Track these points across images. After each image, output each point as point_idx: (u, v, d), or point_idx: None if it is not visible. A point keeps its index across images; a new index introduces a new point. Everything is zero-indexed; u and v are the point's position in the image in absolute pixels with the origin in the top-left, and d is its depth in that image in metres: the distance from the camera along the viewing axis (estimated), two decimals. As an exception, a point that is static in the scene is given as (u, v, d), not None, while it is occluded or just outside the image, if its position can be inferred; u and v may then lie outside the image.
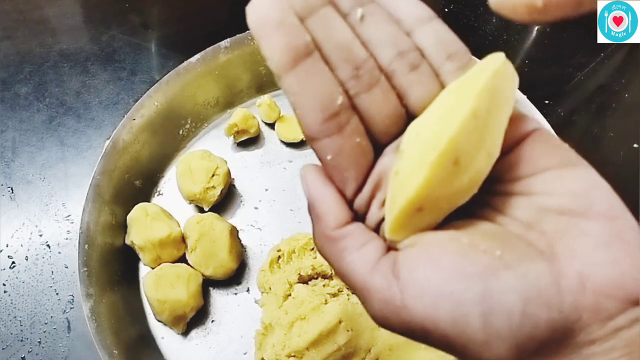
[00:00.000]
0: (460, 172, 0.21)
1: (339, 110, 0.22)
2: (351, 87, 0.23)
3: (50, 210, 0.55)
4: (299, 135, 0.58)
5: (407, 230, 0.22)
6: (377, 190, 0.23)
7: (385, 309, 0.21)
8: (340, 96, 0.22)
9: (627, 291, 0.19)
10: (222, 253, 0.49)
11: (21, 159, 0.58)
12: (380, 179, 0.23)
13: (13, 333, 0.49)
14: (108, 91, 0.62)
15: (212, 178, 0.52)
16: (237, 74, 0.59)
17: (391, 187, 0.22)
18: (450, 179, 0.21)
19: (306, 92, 0.22)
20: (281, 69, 0.22)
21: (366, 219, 0.24)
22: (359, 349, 0.45)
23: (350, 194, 0.23)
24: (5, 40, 0.65)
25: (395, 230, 0.22)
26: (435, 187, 0.21)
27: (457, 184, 0.21)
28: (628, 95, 0.60)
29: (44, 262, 0.52)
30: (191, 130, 0.58)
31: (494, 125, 0.21)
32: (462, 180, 0.21)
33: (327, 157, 0.23)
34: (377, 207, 0.23)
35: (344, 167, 0.23)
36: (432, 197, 0.21)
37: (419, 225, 0.22)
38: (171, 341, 0.49)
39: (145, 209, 0.50)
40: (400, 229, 0.22)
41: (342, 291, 0.48)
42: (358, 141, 0.23)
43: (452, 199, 0.22)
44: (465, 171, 0.21)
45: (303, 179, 0.24)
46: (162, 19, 0.69)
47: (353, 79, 0.22)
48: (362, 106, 0.23)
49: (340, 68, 0.22)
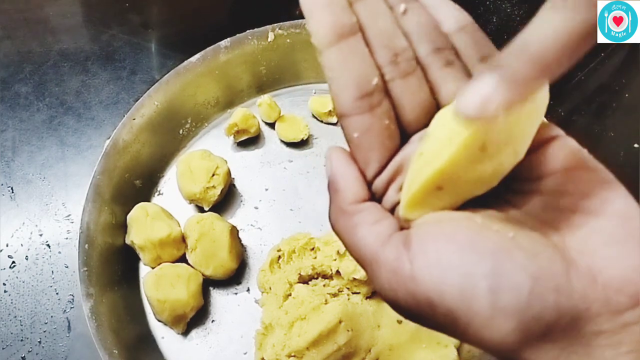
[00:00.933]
0: (485, 159, 0.21)
1: (373, 91, 0.23)
2: (388, 72, 0.23)
3: (51, 209, 0.55)
4: (299, 135, 0.57)
5: (423, 208, 0.22)
6: (397, 175, 0.24)
7: (394, 279, 0.21)
8: (376, 78, 0.23)
9: (638, 287, 0.19)
10: (222, 253, 0.49)
11: (21, 159, 0.58)
12: (402, 164, 0.23)
13: (13, 333, 0.49)
14: (108, 91, 0.62)
15: (212, 178, 0.52)
16: (237, 74, 0.59)
17: (413, 165, 0.22)
18: (475, 163, 0.21)
19: (344, 69, 0.23)
20: (324, 44, 0.22)
21: (382, 201, 0.24)
22: (359, 349, 0.45)
23: (371, 174, 0.24)
24: (6, 39, 0.65)
25: (412, 207, 0.22)
26: (459, 167, 0.21)
27: (480, 170, 0.21)
28: (628, 95, 0.60)
29: (44, 261, 0.52)
30: (191, 130, 0.58)
31: (525, 125, 0.22)
32: (485, 168, 0.21)
33: (354, 135, 0.23)
34: (395, 190, 0.24)
35: (369, 147, 0.23)
36: (454, 176, 0.21)
37: (436, 205, 0.22)
38: (171, 341, 0.49)
39: (145, 209, 0.50)
40: (416, 206, 0.22)
41: (342, 291, 0.48)
42: (387, 123, 0.23)
43: (472, 185, 0.22)
44: (490, 160, 0.21)
45: (328, 157, 0.24)
46: (162, 18, 0.69)
47: (391, 64, 0.23)
48: (396, 92, 0.24)
49: (380, 53, 0.23)
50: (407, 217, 0.23)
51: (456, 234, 0.21)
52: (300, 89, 0.62)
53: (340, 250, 0.47)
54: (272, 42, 0.58)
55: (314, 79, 0.62)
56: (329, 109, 0.59)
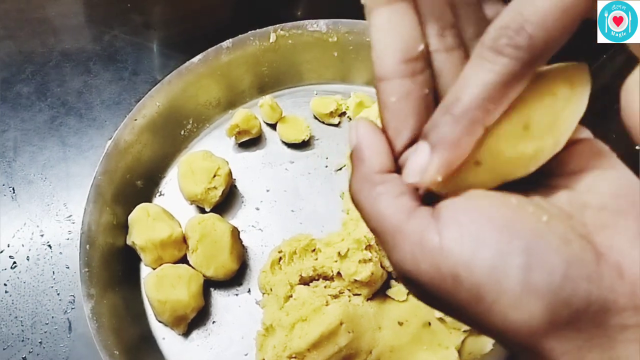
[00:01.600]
0: (526, 139, 0.21)
1: (417, 57, 0.23)
2: (433, 44, 0.23)
3: (52, 210, 0.55)
4: (300, 136, 0.57)
5: (458, 184, 0.22)
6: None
7: (419, 251, 0.21)
8: (422, 45, 0.23)
9: None
10: (223, 254, 0.49)
11: (23, 159, 0.58)
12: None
13: (14, 333, 0.49)
14: (110, 91, 0.62)
15: (214, 179, 0.52)
16: (239, 75, 0.59)
17: None
18: (516, 140, 0.21)
19: (392, 30, 0.22)
20: (375, 2, 0.22)
21: None
22: (360, 350, 0.45)
23: (402, 143, 0.23)
24: (7, 40, 0.65)
25: (447, 181, 0.22)
26: (500, 141, 0.21)
27: (520, 150, 0.21)
28: (631, 97, 0.59)
29: (45, 262, 0.52)
30: (193, 131, 0.58)
31: (567, 118, 0.22)
32: (526, 148, 0.21)
33: (392, 99, 0.23)
34: None
35: (405, 114, 0.23)
36: (493, 151, 0.21)
37: (471, 182, 0.22)
38: (172, 342, 0.49)
39: (146, 210, 0.50)
40: (452, 180, 0.22)
41: (343, 293, 0.48)
42: (426, 93, 0.23)
43: (510, 164, 0.22)
44: (532, 140, 0.21)
45: (352, 127, 0.24)
46: (164, 19, 0.69)
47: (438, 36, 0.23)
48: (438, 64, 0.23)
49: (430, 23, 0.23)
50: (441, 190, 0.22)
51: (491, 210, 0.20)
52: (301, 90, 0.62)
53: (342, 251, 0.47)
54: (274, 43, 0.58)
55: (315, 80, 0.62)
56: (331, 110, 0.59)
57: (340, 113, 0.60)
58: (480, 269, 0.19)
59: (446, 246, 0.20)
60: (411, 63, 0.22)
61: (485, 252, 0.19)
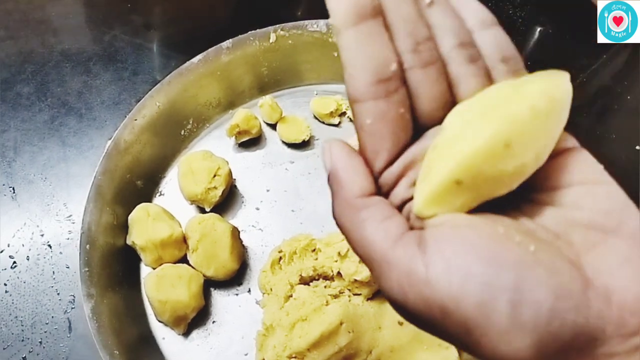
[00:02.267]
0: (508, 157, 0.21)
1: (390, 77, 0.22)
2: (407, 60, 0.22)
3: (52, 210, 0.55)
4: (300, 136, 0.57)
5: (440, 206, 0.22)
6: (408, 169, 0.23)
7: (406, 282, 0.20)
8: (395, 64, 0.22)
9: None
10: (223, 254, 0.49)
11: (23, 159, 0.58)
12: (414, 159, 0.23)
13: (14, 333, 0.49)
14: (110, 91, 0.62)
15: (214, 178, 0.52)
16: (239, 75, 0.59)
17: (428, 160, 0.22)
18: (497, 159, 0.21)
19: (362, 51, 0.22)
20: (343, 23, 0.21)
21: (390, 196, 0.23)
22: (360, 350, 0.45)
23: (380, 165, 0.23)
24: (8, 40, 0.65)
25: (429, 204, 0.21)
26: (481, 161, 0.21)
27: (502, 168, 0.21)
28: (630, 98, 0.60)
29: (45, 262, 0.52)
30: (193, 131, 0.59)
31: (549, 131, 0.21)
32: (507, 166, 0.21)
33: (367, 121, 0.22)
34: (406, 185, 0.23)
35: (381, 135, 0.22)
36: (474, 170, 0.21)
37: (453, 204, 0.22)
38: (172, 342, 0.49)
39: (146, 209, 0.50)
40: (434, 203, 0.21)
41: (344, 292, 0.48)
42: (402, 112, 0.22)
43: (492, 183, 0.21)
44: (513, 158, 0.21)
45: (326, 150, 0.23)
46: (165, 19, 0.69)
47: (412, 52, 0.22)
48: (413, 81, 0.23)
49: (401, 39, 0.22)
50: (423, 214, 0.22)
51: (478, 242, 0.20)
52: (301, 90, 0.62)
53: (342, 251, 0.47)
54: (274, 43, 0.58)
55: (315, 80, 0.62)
56: (331, 110, 0.59)
57: (340, 113, 0.60)
58: (468, 304, 0.19)
59: (433, 279, 0.20)
60: (384, 83, 0.22)
61: (474, 287, 0.19)
